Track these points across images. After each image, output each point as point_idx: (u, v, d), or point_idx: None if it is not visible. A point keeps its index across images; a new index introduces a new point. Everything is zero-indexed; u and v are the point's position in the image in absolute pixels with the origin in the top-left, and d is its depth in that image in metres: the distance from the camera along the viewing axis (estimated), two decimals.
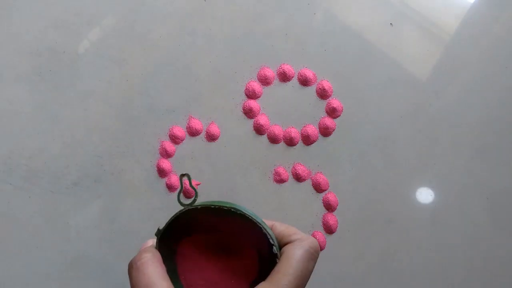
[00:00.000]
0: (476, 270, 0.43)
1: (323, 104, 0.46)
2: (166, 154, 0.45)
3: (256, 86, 0.46)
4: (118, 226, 0.44)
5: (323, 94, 0.46)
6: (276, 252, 0.28)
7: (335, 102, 0.45)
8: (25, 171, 0.45)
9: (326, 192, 0.44)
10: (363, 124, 0.46)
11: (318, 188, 0.44)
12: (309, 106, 0.46)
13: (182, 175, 0.28)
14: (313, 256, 0.28)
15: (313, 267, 0.28)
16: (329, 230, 0.44)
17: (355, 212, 0.44)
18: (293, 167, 0.45)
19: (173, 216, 0.28)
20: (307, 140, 0.45)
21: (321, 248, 0.43)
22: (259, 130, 0.45)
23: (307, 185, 0.45)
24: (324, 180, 0.44)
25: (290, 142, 0.45)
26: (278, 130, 0.45)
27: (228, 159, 0.45)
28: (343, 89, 0.46)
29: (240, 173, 0.45)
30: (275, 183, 0.45)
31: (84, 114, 0.46)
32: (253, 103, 0.46)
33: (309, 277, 0.28)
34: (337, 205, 0.44)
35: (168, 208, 0.45)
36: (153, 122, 0.46)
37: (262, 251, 0.29)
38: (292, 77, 0.46)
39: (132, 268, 0.28)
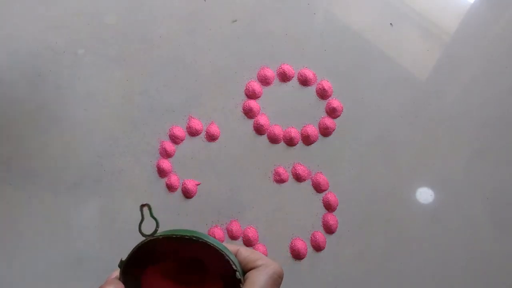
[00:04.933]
0: (476, 270, 0.43)
1: (323, 104, 0.46)
2: (166, 154, 0.45)
3: (256, 86, 0.46)
4: (118, 226, 0.44)
5: (323, 94, 0.46)
6: (240, 277, 0.28)
7: (335, 102, 0.45)
8: (25, 171, 0.45)
9: (326, 192, 0.44)
10: (363, 124, 0.46)
11: (318, 188, 0.44)
12: (309, 106, 0.46)
13: (143, 205, 0.28)
14: (276, 282, 0.28)
15: None
16: (329, 230, 0.44)
17: (355, 212, 0.44)
18: (293, 167, 0.45)
19: (135, 248, 0.29)
20: (307, 140, 0.45)
21: (321, 248, 0.43)
22: (259, 130, 0.45)
23: (307, 185, 0.45)
24: (324, 180, 0.44)
25: (290, 142, 0.45)
26: (278, 130, 0.45)
27: (228, 159, 0.45)
28: (343, 89, 0.46)
29: (240, 173, 0.45)
30: (275, 183, 0.45)
31: (84, 114, 0.46)
32: (253, 103, 0.46)
33: None
34: (337, 205, 0.44)
35: (168, 208, 0.45)
36: (153, 122, 0.46)
37: (226, 277, 0.29)
38: (292, 77, 0.46)
39: None
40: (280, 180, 0.45)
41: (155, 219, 0.28)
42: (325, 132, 0.45)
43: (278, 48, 0.47)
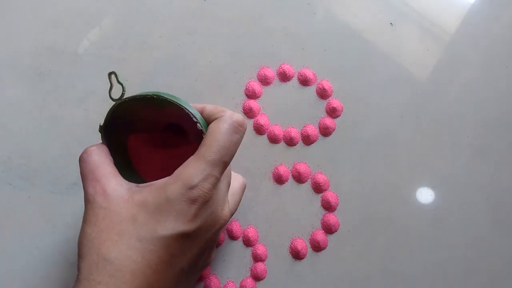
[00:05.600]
0: (476, 270, 0.43)
1: (323, 104, 0.46)
2: None
3: (256, 86, 0.46)
4: None
5: (323, 94, 0.46)
6: (201, 128, 0.30)
7: (335, 102, 0.45)
8: (25, 171, 0.45)
9: (326, 192, 0.44)
10: (363, 124, 0.46)
11: (318, 188, 0.44)
12: (309, 106, 0.46)
13: (110, 73, 0.31)
14: (237, 130, 0.31)
15: (239, 140, 0.31)
16: (329, 230, 0.44)
17: (355, 212, 0.44)
18: (294, 166, 0.45)
19: (108, 112, 0.32)
20: (307, 140, 0.45)
21: (321, 248, 0.43)
22: (259, 130, 0.45)
23: (307, 185, 0.45)
24: (324, 180, 0.44)
25: (290, 142, 0.45)
26: (278, 130, 0.45)
27: None
28: (343, 89, 0.46)
29: (240, 173, 0.45)
30: (275, 183, 0.45)
31: (84, 114, 0.46)
32: (253, 103, 0.46)
33: (235, 149, 0.31)
34: (337, 205, 0.44)
35: None
36: None
37: (199, 135, 0.31)
38: (292, 77, 0.46)
39: (80, 162, 0.31)
40: (280, 180, 0.45)
41: (121, 84, 0.31)
42: (325, 132, 0.45)
43: (278, 48, 0.47)
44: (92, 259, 0.26)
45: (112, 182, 0.29)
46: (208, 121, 0.31)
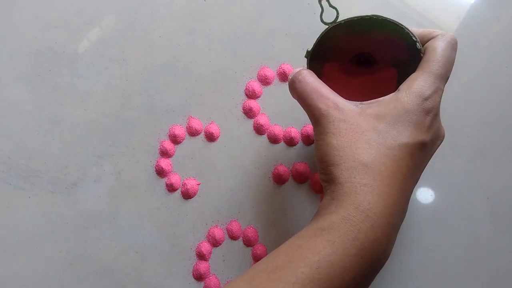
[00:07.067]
0: (476, 270, 0.43)
1: None
2: (166, 154, 0.45)
3: (256, 86, 0.46)
4: (118, 226, 0.44)
5: None
6: (420, 47, 0.31)
7: None
8: (25, 171, 0.45)
9: None
10: None
11: (318, 188, 0.44)
12: None
13: None
14: (454, 47, 0.32)
15: (455, 58, 0.32)
16: None
17: None
18: (294, 166, 0.45)
19: (319, 36, 0.33)
20: (307, 140, 0.45)
21: None
22: (259, 130, 0.45)
23: (307, 185, 0.45)
24: None
25: (290, 142, 0.45)
26: (278, 130, 0.45)
27: (228, 159, 0.45)
28: None
29: (240, 173, 0.45)
30: (275, 183, 0.45)
31: (84, 114, 0.46)
32: (253, 103, 0.46)
33: (453, 65, 0.32)
34: None
35: (168, 208, 0.45)
36: (153, 122, 0.46)
37: (401, 63, 0.32)
38: None
39: (295, 83, 0.33)
40: (280, 180, 0.45)
41: (335, 8, 0.32)
42: None
43: (278, 48, 0.47)
44: (349, 165, 0.28)
45: (339, 98, 0.30)
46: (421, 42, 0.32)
